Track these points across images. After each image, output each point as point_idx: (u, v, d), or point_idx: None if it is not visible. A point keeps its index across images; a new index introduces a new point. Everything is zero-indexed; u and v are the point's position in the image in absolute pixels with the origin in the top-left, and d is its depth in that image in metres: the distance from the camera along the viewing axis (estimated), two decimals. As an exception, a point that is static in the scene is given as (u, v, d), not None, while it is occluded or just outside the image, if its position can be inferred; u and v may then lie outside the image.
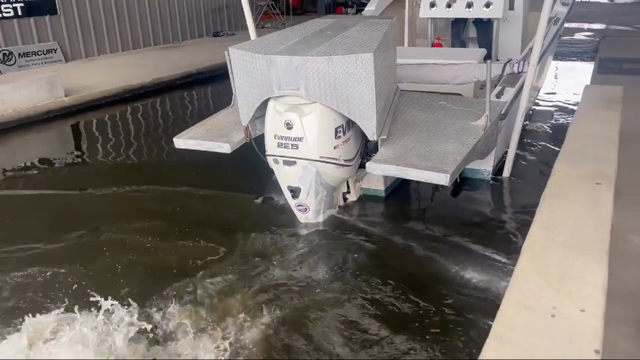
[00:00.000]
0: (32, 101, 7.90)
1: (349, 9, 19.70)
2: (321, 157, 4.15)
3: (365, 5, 20.33)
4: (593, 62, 10.31)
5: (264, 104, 4.33)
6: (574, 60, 11.45)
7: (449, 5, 6.75)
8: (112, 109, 8.71)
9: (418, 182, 5.19)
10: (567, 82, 9.59)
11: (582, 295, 1.87)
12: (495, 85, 5.38)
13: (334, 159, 4.20)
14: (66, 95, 8.39)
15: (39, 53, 11.04)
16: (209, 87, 10.54)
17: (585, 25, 15.01)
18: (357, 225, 4.50)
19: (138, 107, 8.99)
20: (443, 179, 3.82)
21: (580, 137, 3.46)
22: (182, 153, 4.94)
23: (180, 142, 4.83)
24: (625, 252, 2.69)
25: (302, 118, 4.07)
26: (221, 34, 15.48)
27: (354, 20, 5.02)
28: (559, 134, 6.79)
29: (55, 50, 11.34)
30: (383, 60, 4.13)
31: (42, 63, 11.02)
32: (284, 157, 4.22)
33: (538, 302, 1.83)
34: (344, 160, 4.29)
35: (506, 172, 5.39)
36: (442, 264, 3.89)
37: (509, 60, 5.50)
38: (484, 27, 6.96)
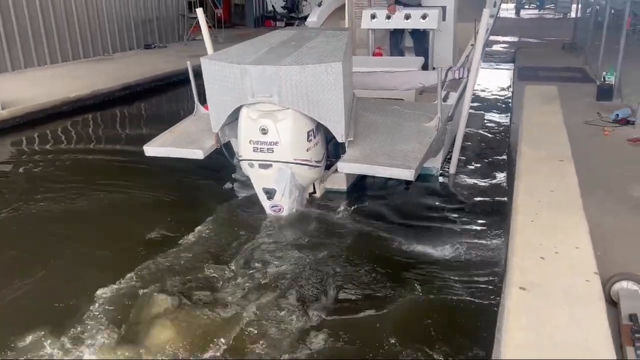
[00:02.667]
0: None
1: (277, 22, 20.07)
2: (295, 159, 4.44)
3: (293, 18, 20.89)
4: (511, 71, 11.33)
5: (233, 111, 4.56)
6: (495, 69, 12.49)
7: (388, 17, 7.27)
8: (55, 121, 8.51)
9: (374, 181, 5.63)
10: (492, 88, 10.48)
11: (574, 238, 2.45)
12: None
13: (307, 160, 4.51)
14: (3, 108, 8.09)
15: (-38, 66, 10.51)
16: (150, 98, 10.50)
17: (501, 38, 16.34)
18: (327, 219, 4.84)
19: (84, 118, 8.85)
20: (408, 175, 4.24)
21: (534, 126, 4.08)
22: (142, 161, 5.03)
23: (151, 149, 4.93)
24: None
25: (277, 123, 4.34)
26: (152, 46, 15.34)
27: (313, 32, 5.35)
28: (490, 134, 7.53)
29: (-21, 63, 10.82)
30: (346, 68, 4.49)
31: (-35, 77, 10.50)
32: (260, 160, 4.46)
33: (541, 245, 2.35)
34: (315, 161, 4.61)
35: (452, 169, 5.92)
36: (407, 245, 4.40)
37: (450, 67, 6.05)
38: (420, 37, 7.54)
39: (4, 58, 11.31)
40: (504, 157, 6.48)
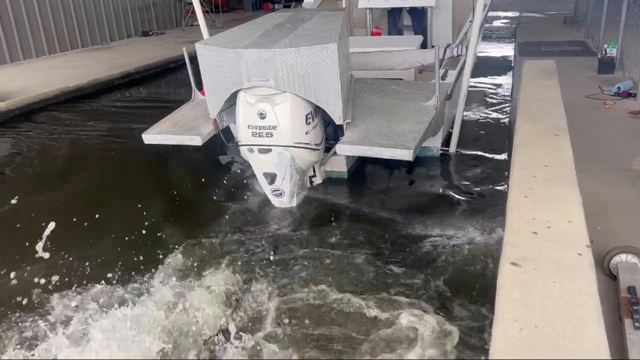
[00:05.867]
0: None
1: (275, 5, 19.88)
2: (295, 142, 4.44)
3: (291, 0, 20.61)
4: (512, 47, 11.20)
5: (230, 96, 4.55)
6: (496, 46, 12.36)
7: None
8: (54, 111, 8.52)
9: (376, 162, 5.62)
10: (492, 65, 10.37)
11: (567, 211, 2.46)
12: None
13: (306, 143, 4.51)
14: (2, 101, 8.11)
15: (-39, 59, 10.50)
16: (149, 85, 10.48)
17: (501, 14, 16.15)
18: (327, 202, 4.85)
19: (85, 107, 8.85)
20: (407, 155, 4.24)
21: (531, 101, 4.06)
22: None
23: (150, 137, 4.94)
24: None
25: (275, 107, 4.33)
26: (150, 33, 15.26)
27: (309, 14, 5.31)
28: (491, 111, 7.48)
29: (-23, 56, 10.82)
30: (342, 49, 4.46)
31: (-36, 70, 10.50)
32: (259, 145, 4.45)
33: (534, 218, 2.36)
34: (315, 144, 4.61)
35: (452, 148, 5.89)
36: (408, 227, 4.40)
37: (449, 45, 5.98)
38: (418, 15, 7.46)
39: (2, 50, 11.30)
40: (506, 133, 6.45)
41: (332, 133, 5.09)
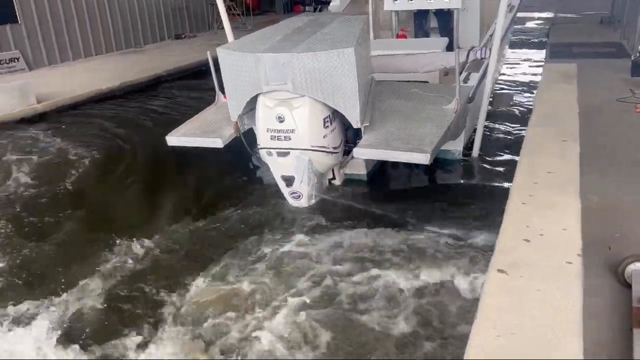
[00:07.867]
0: (4, 109, 7.94)
1: (306, 7, 19.99)
2: (313, 146, 4.49)
3: (322, 2, 20.72)
4: (545, 48, 10.97)
5: (251, 100, 4.63)
6: (528, 47, 12.13)
7: None
8: (88, 112, 8.79)
9: (396, 166, 5.61)
10: (523, 67, 10.19)
11: (563, 219, 2.45)
12: (461, 72, 5.80)
13: (324, 147, 4.55)
14: (38, 102, 8.42)
15: (2, 62, 10.93)
16: (179, 88, 10.69)
17: (536, 14, 15.82)
18: (345, 205, 4.86)
19: (116, 109, 9.08)
20: (423, 159, 4.22)
21: (546, 104, 4.00)
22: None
23: (173, 139, 5.06)
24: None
25: (293, 111, 4.39)
26: (183, 36, 15.56)
27: (328, 18, 5.34)
28: (518, 114, 7.35)
29: (17, 59, 11.24)
30: (361, 53, 4.47)
31: (4, 72, 10.93)
32: (278, 148, 4.52)
33: (528, 226, 2.34)
34: (333, 147, 4.64)
35: (475, 152, 5.81)
36: (427, 231, 4.37)
37: (472, 48, 5.92)
38: (445, 17, 7.38)
39: (41, 54, 11.74)
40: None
41: (352, 136, 5.10)
